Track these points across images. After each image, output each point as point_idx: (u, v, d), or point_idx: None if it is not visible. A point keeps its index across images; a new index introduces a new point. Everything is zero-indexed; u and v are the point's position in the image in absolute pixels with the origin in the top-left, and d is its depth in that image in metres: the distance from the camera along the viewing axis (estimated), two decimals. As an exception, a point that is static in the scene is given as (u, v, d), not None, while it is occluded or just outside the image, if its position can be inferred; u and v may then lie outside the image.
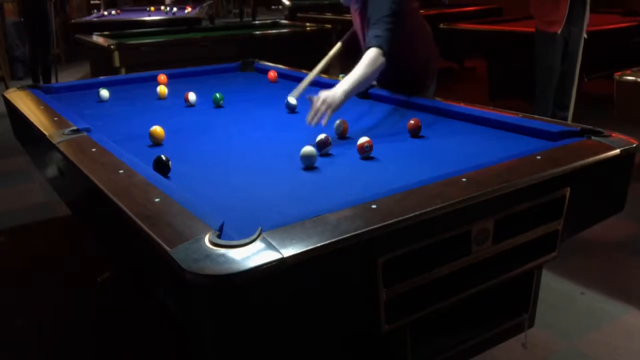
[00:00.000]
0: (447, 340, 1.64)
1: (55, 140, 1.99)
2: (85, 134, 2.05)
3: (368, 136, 1.89)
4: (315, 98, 2.11)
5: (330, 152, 1.92)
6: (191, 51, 4.86)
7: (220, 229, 1.25)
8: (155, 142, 2.10)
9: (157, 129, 2.10)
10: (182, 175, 1.76)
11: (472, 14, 7.34)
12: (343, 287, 1.29)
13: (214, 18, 12.71)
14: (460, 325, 1.66)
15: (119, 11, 8.68)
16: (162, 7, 8.80)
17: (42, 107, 2.52)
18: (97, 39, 5.11)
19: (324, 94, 2.11)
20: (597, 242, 3.09)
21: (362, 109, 2.59)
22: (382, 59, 2.24)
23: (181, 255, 1.13)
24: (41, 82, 6.69)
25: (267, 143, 2.14)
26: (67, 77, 7.53)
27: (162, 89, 2.91)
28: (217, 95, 2.69)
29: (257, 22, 8.61)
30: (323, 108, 2.09)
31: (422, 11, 8.77)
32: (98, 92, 2.86)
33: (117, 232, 1.60)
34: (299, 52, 5.16)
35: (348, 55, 2.75)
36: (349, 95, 2.17)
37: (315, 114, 2.09)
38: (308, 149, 1.80)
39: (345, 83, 2.18)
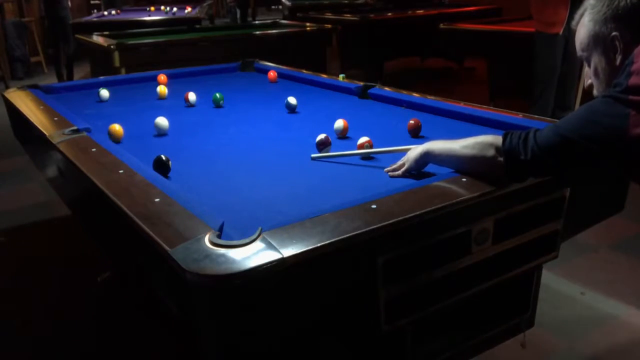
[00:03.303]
0: (447, 340, 1.64)
1: (55, 140, 1.99)
2: (85, 134, 2.05)
3: (368, 136, 1.89)
4: None
5: (330, 152, 1.92)
6: (191, 51, 4.85)
7: (220, 229, 1.25)
8: (115, 140, 2.10)
9: (116, 127, 2.12)
10: (182, 175, 1.76)
11: (472, 14, 7.35)
12: (343, 287, 1.29)
13: (214, 18, 12.69)
14: (461, 325, 1.66)
15: (119, 11, 8.68)
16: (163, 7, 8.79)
17: (42, 107, 2.52)
18: (97, 39, 5.11)
19: None
20: (597, 242, 3.08)
21: (362, 109, 2.59)
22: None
23: (181, 255, 1.13)
24: (65, 77, 7.15)
25: (267, 143, 2.14)
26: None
27: (162, 89, 2.91)
28: (217, 95, 2.69)
29: (257, 22, 8.61)
30: None
31: (422, 11, 8.75)
32: (98, 92, 2.87)
33: (117, 232, 1.60)
34: (299, 52, 5.16)
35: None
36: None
37: None
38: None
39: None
